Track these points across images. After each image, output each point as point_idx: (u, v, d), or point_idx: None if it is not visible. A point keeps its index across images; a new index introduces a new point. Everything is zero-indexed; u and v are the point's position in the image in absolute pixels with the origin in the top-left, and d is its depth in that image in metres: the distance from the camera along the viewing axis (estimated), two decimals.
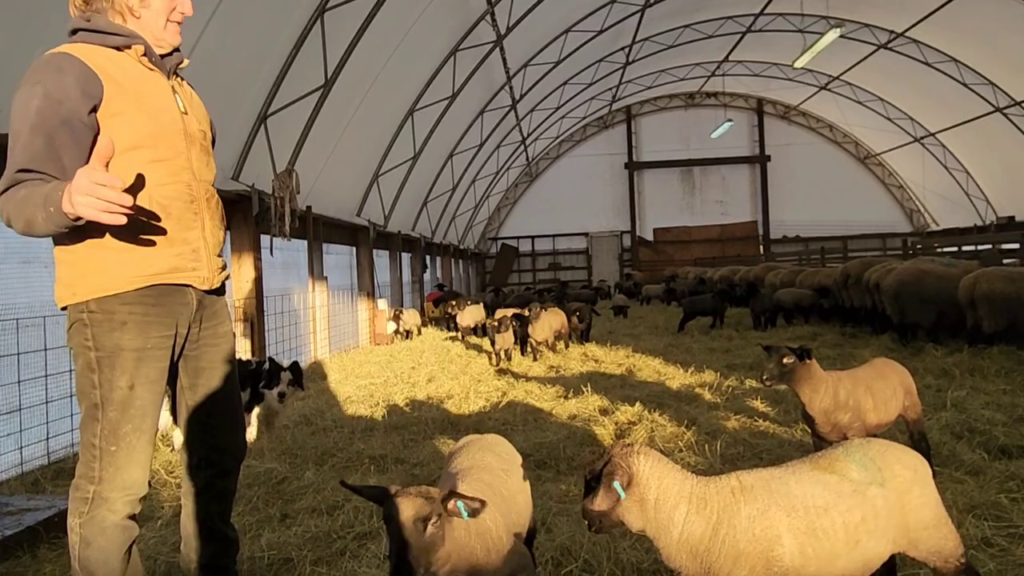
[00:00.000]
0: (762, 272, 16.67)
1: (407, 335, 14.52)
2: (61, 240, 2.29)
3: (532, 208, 32.01)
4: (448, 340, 13.55)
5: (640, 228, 32.00)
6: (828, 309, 12.76)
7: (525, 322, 10.10)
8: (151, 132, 2.36)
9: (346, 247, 14.29)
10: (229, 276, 2.79)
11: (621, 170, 32.09)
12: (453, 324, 14.62)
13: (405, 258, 18.64)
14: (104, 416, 2.32)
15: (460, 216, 25.06)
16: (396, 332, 14.32)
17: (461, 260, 27.38)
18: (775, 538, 2.04)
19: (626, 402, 6.48)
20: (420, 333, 15.13)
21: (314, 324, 11.72)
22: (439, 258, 23.24)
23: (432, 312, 18.65)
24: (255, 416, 5.86)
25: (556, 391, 7.35)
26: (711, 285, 17.90)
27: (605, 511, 2.12)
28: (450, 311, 14.62)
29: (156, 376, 2.43)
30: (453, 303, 14.61)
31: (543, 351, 10.34)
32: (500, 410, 6.61)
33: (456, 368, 9.62)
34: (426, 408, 6.89)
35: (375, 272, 15.11)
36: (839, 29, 17.77)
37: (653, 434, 5.45)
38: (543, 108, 24.54)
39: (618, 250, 32.24)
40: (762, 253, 29.73)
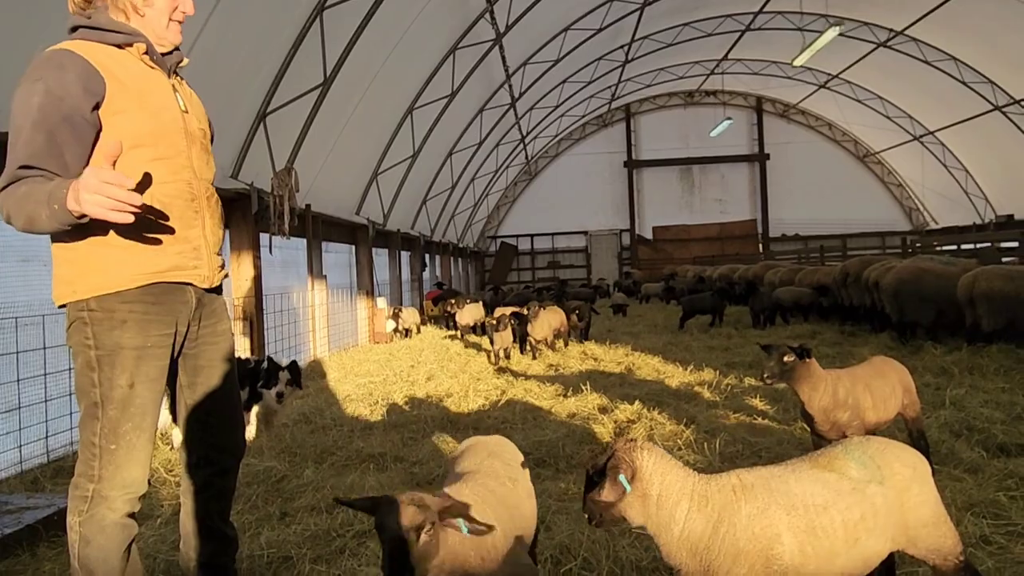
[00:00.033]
0: (761, 270, 16.68)
1: (406, 333, 14.52)
2: (60, 238, 2.27)
3: (531, 206, 32.01)
4: (447, 338, 13.55)
5: (639, 226, 32.00)
6: (827, 307, 12.77)
7: (524, 321, 10.10)
8: (152, 130, 2.36)
9: (345, 245, 14.28)
10: (228, 275, 2.79)
11: (620, 168, 32.08)
12: (452, 322, 14.62)
13: (404, 256, 18.63)
14: (104, 414, 2.31)
15: (459, 214, 25.06)
16: (395, 330, 14.31)
17: (460, 258, 27.37)
18: (775, 536, 2.05)
19: (625, 400, 6.49)
20: (419, 331, 15.13)
21: (313, 322, 11.72)
22: (438, 256, 23.24)
23: (431, 310, 18.65)
24: (254, 414, 5.86)
25: (555, 389, 7.36)
26: (710, 283, 17.91)
27: (607, 505, 2.12)
28: (449, 309, 14.61)
29: (156, 374, 2.42)
30: (452, 301, 14.61)
31: (542, 349, 10.34)
32: (499, 408, 6.62)
33: (455, 366, 9.62)
34: (425, 406, 6.89)
35: (374, 270, 15.10)
36: (838, 27, 17.77)
37: (652, 432, 5.46)
38: (542, 106, 24.53)
39: (617, 248, 32.24)
40: (761, 251, 29.76)
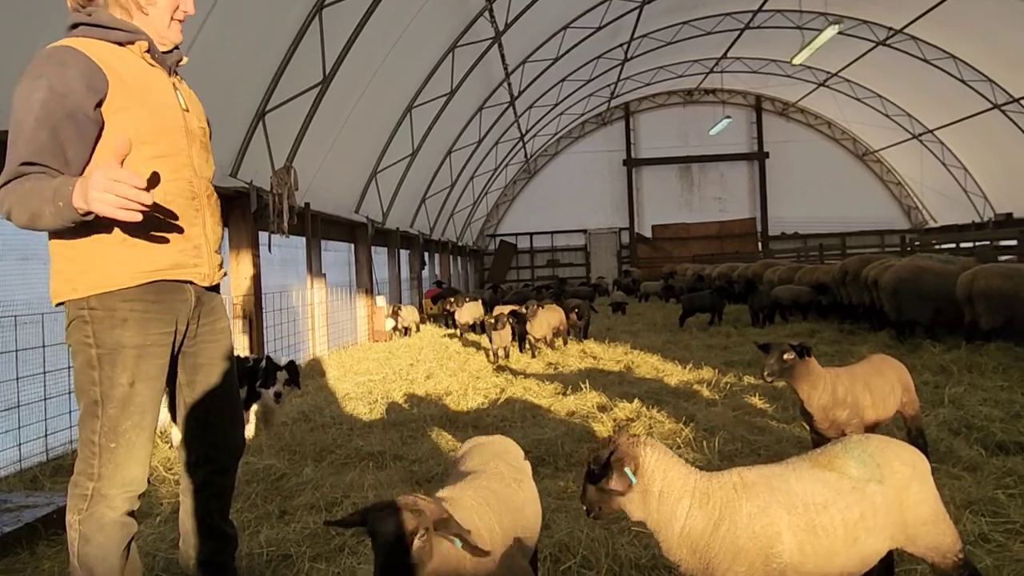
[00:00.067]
0: (760, 269, 16.68)
1: (405, 332, 14.51)
2: (59, 235, 2.26)
3: (530, 205, 31.99)
4: (446, 337, 13.55)
5: (638, 225, 32.00)
6: (826, 306, 12.78)
7: (523, 319, 10.10)
8: (154, 128, 2.36)
9: (344, 244, 14.27)
10: (226, 273, 2.79)
11: (619, 167, 32.07)
12: (451, 321, 14.62)
13: (403, 255, 18.62)
14: (104, 413, 2.31)
15: (458, 213, 25.04)
16: (394, 329, 14.31)
17: (459, 257, 27.37)
18: (775, 535, 2.05)
19: (624, 399, 6.49)
20: (418, 330, 15.12)
21: (312, 321, 11.72)
22: (437, 255, 23.23)
23: (430, 309, 18.65)
24: (253, 413, 5.86)
25: (554, 388, 7.36)
26: (709, 282, 17.91)
27: (607, 498, 2.12)
28: (448, 308, 14.60)
29: (156, 373, 2.43)
30: (451, 300, 14.61)
31: (541, 348, 10.34)
32: (498, 407, 6.62)
33: (454, 365, 9.63)
34: (424, 405, 6.89)
35: (373, 269, 15.09)
36: (837, 26, 17.76)
37: (651, 430, 5.46)
38: (541, 104, 24.50)
39: (616, 247, 32.24)
40: (760, 250, 29.78)
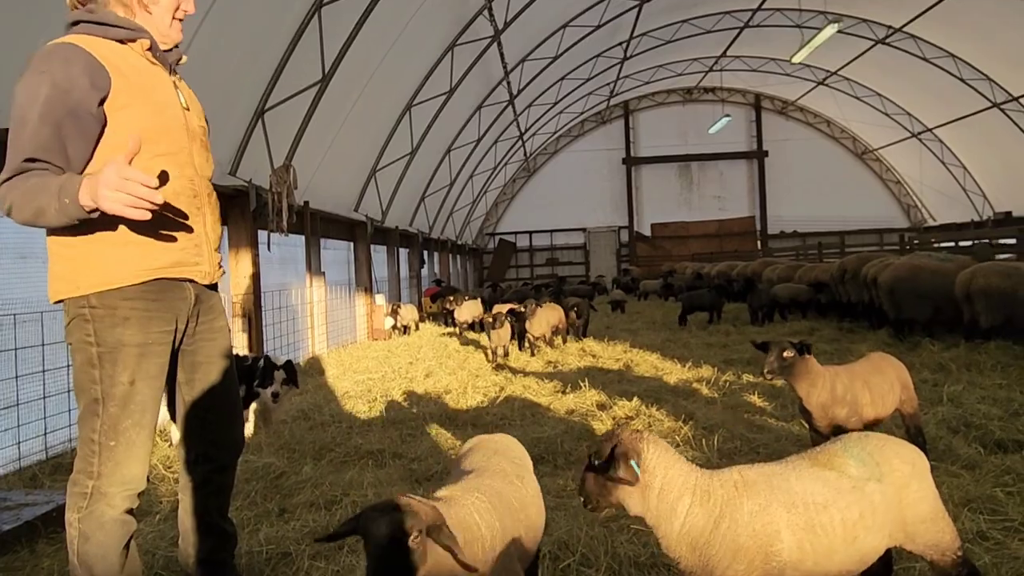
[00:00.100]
0: (759, 267, 16.68)
1: (405, 330, 14.51)
2: (59, 232, 2.25)
3: (530, 203, 31.99)
4: (445, 335, 13.55)
5: (638, 223, 32.00)
6: (825, 304, 12.78)
7: (522, 318, 10.10)
8: (157, 126, 2.35)
9: (344, 242, 14.27)
10: (224, 271, 2.79)
11: (619, 165, 32.06)
12: (451, 319, 14.62)
13: (403, 253, 18.62)
14: (104, 411, 2.31)
15: (458, 211, 25.04)
16: (394, 327, 14.31)
17: (459, 255, 27.37)
18: (775, 533, 2.05)
19: (624, 397, 6.50)
20: (418, 328, 15.12)
21: (312, 319, 11.72)
22: (437, 253, 23.22)
23: (430, 307, 18.64)
24: (252, 411, 5.86)
25: (554, 386, 7.36)
26: (708, 280, 17.92)
27: (606, 491, 2.12)
28: (448, 306, 14.59)
29: (156, 371, 2.43)
30: (451, 298, 14.59)
31: (541, 346, 10.35)
32: (498, 405, 6.62)
33: (454, 363, 9.63)
34: (424, 403, 6.89)
35: (373, 267, 15.10)
36: (837, 24, 17.76)
37: (650, 429, 5.47)
38: (541, 103, 24.49)
39: (616, 245, 32.24)
40: (759, 248, 29.77)
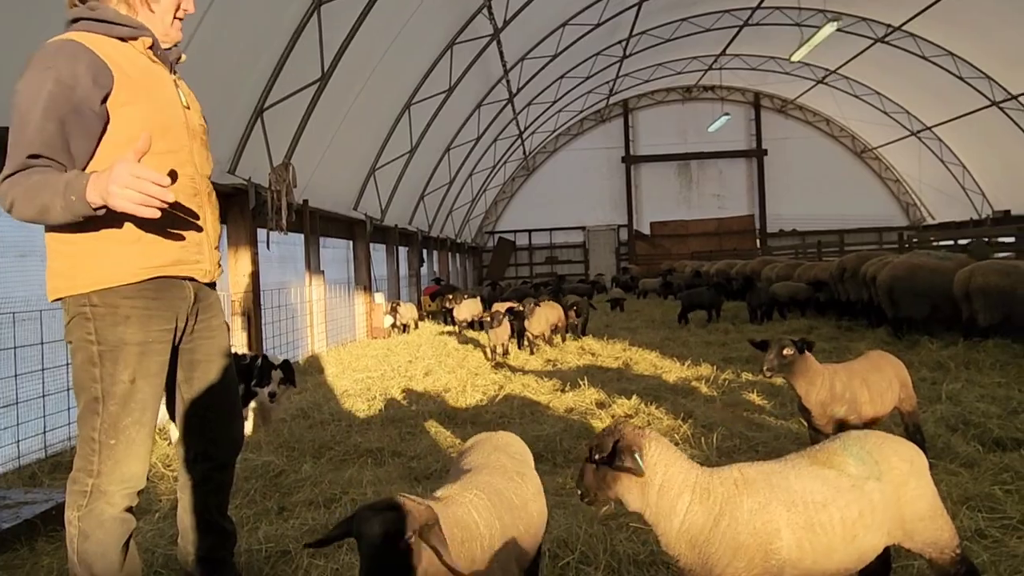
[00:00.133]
0: (759, 266, 16.69)
1: (404, 329, 14.51)
2: (59, 230, 2.24)
3: (529, 202, 31.96)
4: (445, 334, 13.55)
5: (637, 222, 31.98)
6: (824, 302, 12.79)
7: (521, 316, 10.11)
8: (158, 124, 2.35)
9: (343, 241, 14.27)
10: (222, 270, 2.80)
11: (618, 164, 32.04)
12: (450, 318, 14.62)
13: (402, 252, 18.62)
14: (105, 410, 2.31)
15: (457, 210, 25.02)
16: (393, 326, 14.31)
17: (458, 254, 27.35)
18: (774, 532, 2.05)
19: (623, 395, 6.50)
20: (417, 327, 15.12)
21: (311, 318, 11.71)
22: (436, 252, 23.21)
23: (429, 306, 18.64)
24: (251, 410, 5.86)
25: (553, 384, 7.37)
26: (707, 279, 17.93)
27: (605, 484, 2.13)
28: (447, 305, 14.59)
29: (157, 370, 2.43)
30: (450, 297, 14.59)
31: (540, 345, 10.35)
32: (497, 403, 6.62)
33: (453, 362, 9.63)
34: (423, 401, 6.90)
35: (372, 266, 15.09)
36: (836, 23, 17.75)
37: (650, 427, 5.46)
38: (540, 102, 24.48)
39: (615, 244, 32.22)
40: (759, 247, 29.75)
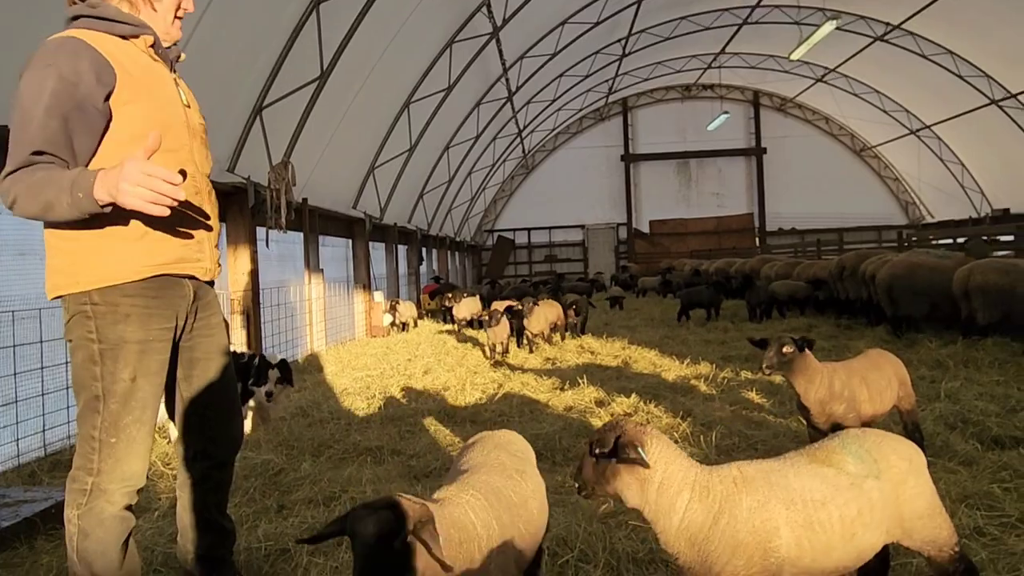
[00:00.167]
0: (758, 264, 16.69)
1: (403, 327, 14.51)
2: (61, 227, 2.24)
3: (528, 200, 31.96)
4: (444, 332, 13.55)
5: (636, 220, 31.99)
6: (823, 301, 12.79)
7: (520, 314, 10.11)
8: (159, 123, 2.34)
9: (342, 239, 14.27)
10: (221, 269, 2.80)
11: (617, 162, 32.04)
12: (449, 316, 14.62)
13: (401, 250, 18.62)
14: (105, 408, 2.31)
15: (456, 208, 25.02)
16: (392, 324, 14.31)
17: (457, 252, 27.35)
18: (773, 530, 2.06)
19: (622, 393, 6.51)
20: (416, 325, 15.12)
21: (310, 316, 11.71)
22: (435, 250, 23.22)
23: (428, 304, 18.64)
24: (250, 408, 5.86)
25: (552, 383, 7.37)
26: (706, 277, 17.93)
27: (604, 479, 2.13)
28: (446, 303, 14.59)
29: (157, 368, 2.43)
30: (449, 295, 14.60)
31: (539, 343, 10.35)
32: (496, 402, 6.62)
33: (452, 360, 9.63)
34: (422, 400, 6.90)
35: (371, 264, 15.09)
36: (835, 21, 17.76)
37: (650, 424, 5.47)
38: (539, 100, 24.47)
39: (614, 242, 32.23)
40: (758, 245, 29.76)
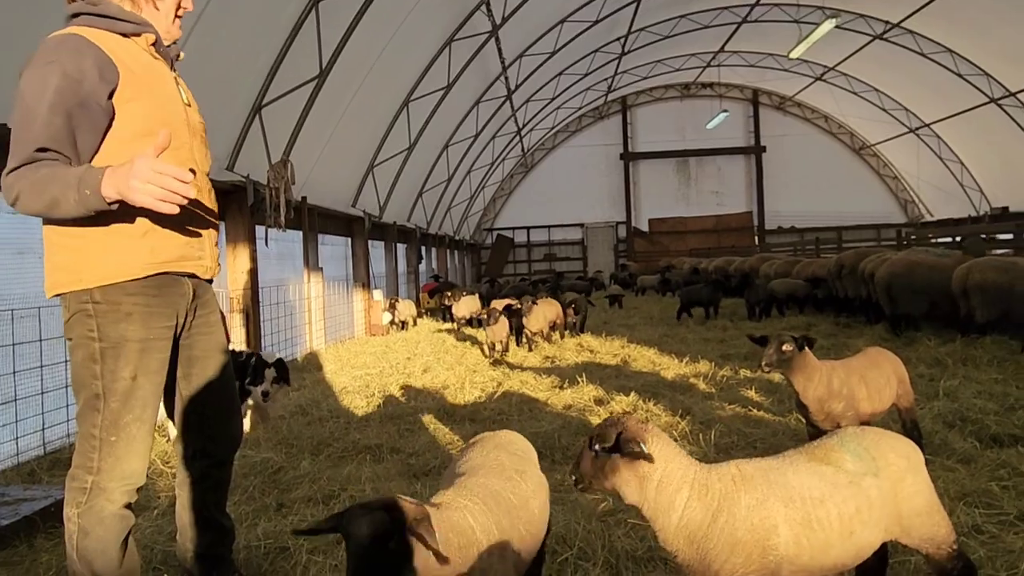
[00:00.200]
0: (757, 263, 16.69)
1: (403, 326, 14.51)
2: (62, 224, 2.23)
3: (527, 199, 31.96)
4: (443, 331, 13.55)
5: (635, 219, 31.99)
6: (822, 299, 12.80)
7: (519, 313, 10.11)
8: (160, 121, 2.35)
9: (341, 238, 14.26)
10: (221, 267, 2.80)
11: (617, 161, 32.03)
12: (449, 315, 14.62)
13: (400, 249, 18.62)
14: (105, 407, 2.31)
15: (455, 207, 25.02)
16: (392, 323, 14.30)
17: (456, 251, 27.35)
18: (772, 528, 2.06)
19: (621, 392, 6.51)
20: (415, 324, 15.12)
21: (309, 315, 11.71)
22: (434, 249, 23.22)
23: (427, 303, 18.64)
24: (248, 407, 5.86)
25: (551, 381, 7.37)
26: (705, 276, 17.94)
27: (602, 474, 2.14)
28: (446, 302, 14.60)
29: (157, 367, 2.43)
30: (449, 294, 14.60)
31: (538, 342, 10.36)
32: (495, 400, 6.62)
33: (451, 359, 9.63)
34: (422, 398, 6.90)
35: (370, 263, 15.09)
36: (835, 19, 17.76)
37: (649, 422, 5.47)
38: (538, 99, 24.46)
39: (613, 241, 32.23)
40: (757, 244, 29.77)
